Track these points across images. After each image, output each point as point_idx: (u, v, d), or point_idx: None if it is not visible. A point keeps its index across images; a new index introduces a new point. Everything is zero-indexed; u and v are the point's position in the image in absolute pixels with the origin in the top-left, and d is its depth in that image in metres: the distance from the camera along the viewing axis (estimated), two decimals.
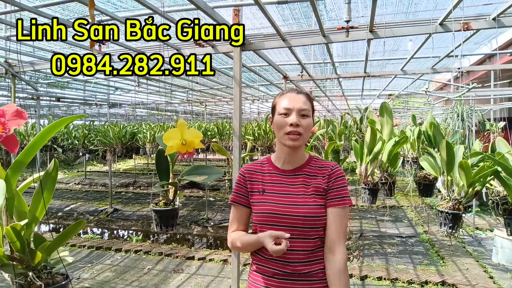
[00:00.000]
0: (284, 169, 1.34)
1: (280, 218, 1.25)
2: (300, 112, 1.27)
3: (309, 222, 1.23)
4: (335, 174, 1.31)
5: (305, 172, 1.32)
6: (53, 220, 7.40)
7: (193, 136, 2.01)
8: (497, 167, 2.41)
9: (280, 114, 1.28)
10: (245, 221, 1.39)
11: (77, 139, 6.81)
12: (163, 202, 2.46)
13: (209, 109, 11.47)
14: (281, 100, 1.31)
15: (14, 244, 1.43)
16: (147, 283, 4.09)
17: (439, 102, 7.77)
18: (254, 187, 1.35)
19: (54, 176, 1.55)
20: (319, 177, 1.30)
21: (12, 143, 1.35)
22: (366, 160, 3.19)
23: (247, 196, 1.36)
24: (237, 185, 1.39)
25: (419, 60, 4.91)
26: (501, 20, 2.31)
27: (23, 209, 1.53)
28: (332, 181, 1.29)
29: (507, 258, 4.14)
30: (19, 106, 1.40)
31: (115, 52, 3.47)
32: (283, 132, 1.27)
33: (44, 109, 10.61)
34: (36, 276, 1.48)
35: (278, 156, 1.36)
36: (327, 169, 1.32)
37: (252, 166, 1.41)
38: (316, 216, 1.24)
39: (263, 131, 6.47)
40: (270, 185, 1.33)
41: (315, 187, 1.28)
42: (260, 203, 1.31)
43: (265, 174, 1.36)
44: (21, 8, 2.28)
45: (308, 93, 1.36)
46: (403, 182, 9.36)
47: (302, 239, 1.24)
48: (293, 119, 1.25)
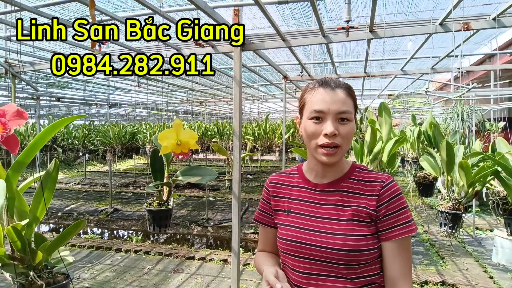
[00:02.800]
0: (316, 183, 1.04)
1: (304, 248, 0.97)
2: (339, 116, 0.95)
3: (344, 258, 0.92)
4: (390, 193, 0.96)
5: (344, 188, 1.00)
6: (53, 220, 7.40)
7: (188, 136, 2.00)
8: (497, 167, 2.42)
9: (311, 118, 0.97)
10: (271, 242, 1.13)
11: (77, 139, 6.81)
12: (157, 203, 2.46)
13: (209, 109, 11.47)
14: (312, 97, 0.98)
15: (15, 243, 1.43)
16: (147, 283, 4.09)
17: (439, 102, 7.77)
18: (280, 204, 1.08)
19: (55, 176, 1.57)
20: (364, 197, 0.97)
21: (12, 143, 1.35)
22: (366, 160, 3.19)
23: (271, 214, 1.11)
24: (262, 201, 1.14)
25: (419, 60, 4.91)
26: (501, 20, 2.31)
27: (23, 209, 1.54)
28: (386, 203, 0.95)
29: (507, 258, 4.14)
30: (19, 106, 1.40)
31: (115, 52, 3.47)
32: (315, 143, 0.97)
33: (44, 109, 10.61)
34: (37, 275, 1.49)
35: (309, 167, 1.06)
36: (376, 185, 0.98)
37: (278, 177, 1.13)
38: (356, 250, 0.93)
39: (263, 131, 6.47)
40: (297, 203, 1.04)
41: (356, 210, 0.96)
42: (283, 226, 1.04)
43: (293, 188, 1.07)
44: (21, 8, 2.28)
45: (349, 86, 1.00)
46: (403, 182, 9.37)
47: (335, 278, 0.95)
48: (329, 128, 0.94)
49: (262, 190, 1.16)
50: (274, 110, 12.32)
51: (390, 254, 0.95)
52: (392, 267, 0.95)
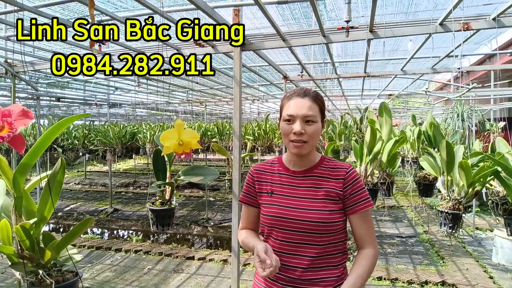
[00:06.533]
0: (294, 170, 1.29)
1: (287, 222, 1.21)
2: (305, 118, 1.20)
3: (320, 228, 1.18)
4: (352, 177, 1.24)
5: (316, 173, 1.26)
6: (52, 220, 7.37)
7: (190, 136, 2.01)
8: (497, 167, 2.42)
9: (284, 120, 1.23)
10: (253, 220, 1.37)
11: (77, 139, 6.80)
12: (159, 202, 2.47)
13: (209, 109, 11.47)
14: (286, 104, 1.25)
15: (23, 242, 1.45)
16: (147, 283, 4.09)
17: (439, 102, 7.77)
18: (263, 187, 1.32)
19: (61, 177, 1.57)
20: (332, 180, 1.24)
21: (19, 143, 1.35)
22: (366, 160, 3.19)
23: (255, 196, 1.34)
24: (246, 184, 1.37)
25: (419, 60, 4.91)
26: (501, 20, 2.31)
27: (31, 208, 1.55)
28: (351, 185, 1.22)
29: (507, 258, 4.14)
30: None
31: (115, 52, 3.47)
32: (288, 139, 1.22)
33: (44, 109, 10.61)
34: (46, 274, 1.50)
35: (287, 157, 1.32)
36: (341, 172, 1.24)
37: (261, 166, 1.37)
38: (327, 222, 1.19)
39: (263, 131, 6.47)
40: (279, 187, 1.28)
41: (327, 191, 1.22)
42: (268, 205, 1.28)
43: (274, 175, 1.32)
44: (21, 8, 2.28)
45: (316, 95, 1.25)
46: (403, 182, 9.36)
47: (308, 245, 1.20)
48: (296, 128, 1.19)
49: (247, 176, 1.38)
50: (274, 110, 12.32)
51: (357, 223, 1.23)
52: (360, 232, 1.23)
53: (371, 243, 1.23)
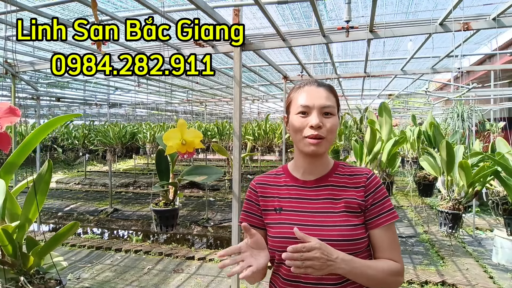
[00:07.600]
0: (304, 180, 1.08)
1: None
2: (323, 110, 1.01)
3: (342, 248, 0.95)
4: (374, 184, 1.04)
5: (331, 182, 1.06)
6: (52, 220, 7.40)
7: (193, 136, 2.01)
8: (497, 167, 2.42)
9: (297, 113, 1.03)
10: None
11: (77, 139, 6.81)
12: (163, 202, 2.46)
13: (209, 109, 11.47)
14: (298, 95, 1.05)
15: (5, 247, 1.35)
16: (147, 283, 4.09)
17: (439, 102, 7.77)
18: (269, 204, 1.09)
19: (48, 179, 1.48)
20: (351, 189, 1.04)
21: (4, 142, 1.29)
22: (365, 160, 3.19)
23: (260, 215, 1.10)
24: (247, 202, 1.13)
25: (419, 60, 4.91)
26: (501, 20, 2.31)
27: (15, 211, 1.48)
28: (373, 193, 1.03)
29: (507, 258, 4.14)
30: (19, 106, 1.37)
31: (115, 52, 3.47)
32: (302, 135, 1.02)
33: (44, 109, 10.61)
34: (28, 281, 1.40)
35: (296, 164, 1.10)
36: (361, 178, 1.05)
37: (264, 178, 1.14)
38: (351, 239, 0.97)
39: (263, 131, 6.47)
40: (288, 201, 1.06)
41: (347, 202, 1.02)
42: (276, 225, 1.05)
43: (281, 187, 1.10)
44: (21, 8, 2.28)
45: (331, 86, 1.09)
46: (403, 182, 9.37)
47: None
48: (313, 120, 0.99)
49: (247, 191, 1.15)
50: (274, 110, 12.33)
51: (379, 239, 1.01)
52: (382, 248, 1.01)
53: (397, 262, 1.02)
